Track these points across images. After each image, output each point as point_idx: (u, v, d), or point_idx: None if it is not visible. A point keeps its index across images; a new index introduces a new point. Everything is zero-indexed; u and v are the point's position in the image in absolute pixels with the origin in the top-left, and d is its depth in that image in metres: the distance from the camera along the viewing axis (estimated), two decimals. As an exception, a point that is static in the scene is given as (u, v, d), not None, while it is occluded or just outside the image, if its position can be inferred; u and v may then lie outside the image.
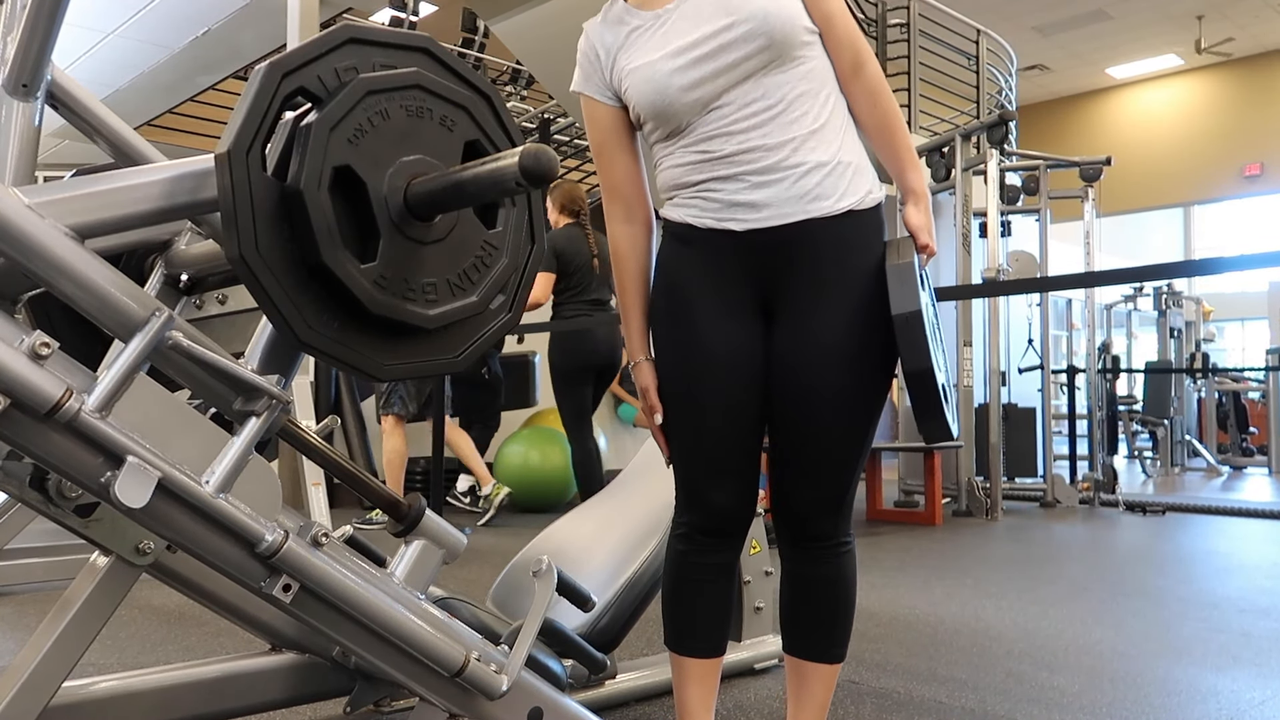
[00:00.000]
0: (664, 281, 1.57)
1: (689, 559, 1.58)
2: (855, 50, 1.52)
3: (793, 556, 1.59)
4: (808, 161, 1.46)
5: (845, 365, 1.48)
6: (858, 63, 1.52)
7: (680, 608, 1.61)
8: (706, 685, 1.60)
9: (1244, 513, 6.36)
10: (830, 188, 1.47)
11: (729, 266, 1.50)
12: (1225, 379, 11.40)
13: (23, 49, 1.21)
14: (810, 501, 1.53)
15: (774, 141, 1.46)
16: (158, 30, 6.51)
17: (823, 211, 1.46)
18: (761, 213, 1.47)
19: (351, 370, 1.11)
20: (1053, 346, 7.51)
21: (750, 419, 1.53)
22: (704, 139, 1.48)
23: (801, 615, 1.59)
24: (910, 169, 1.55)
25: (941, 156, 6.60)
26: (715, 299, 1.51)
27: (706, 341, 1.51)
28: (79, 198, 1.08)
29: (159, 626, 2.90)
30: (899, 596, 3.50)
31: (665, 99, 1.48)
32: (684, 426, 1.55)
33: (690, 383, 1.53)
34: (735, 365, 1.51)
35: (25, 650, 1.32)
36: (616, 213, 1.60)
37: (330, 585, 1.24)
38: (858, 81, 1.53)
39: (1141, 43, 13.31)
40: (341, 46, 1.08)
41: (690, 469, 1.56)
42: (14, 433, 1.04)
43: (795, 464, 1.53)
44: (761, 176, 1.46)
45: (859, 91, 1.53)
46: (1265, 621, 3.16)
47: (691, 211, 1.51)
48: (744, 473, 1.55)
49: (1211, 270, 6.23)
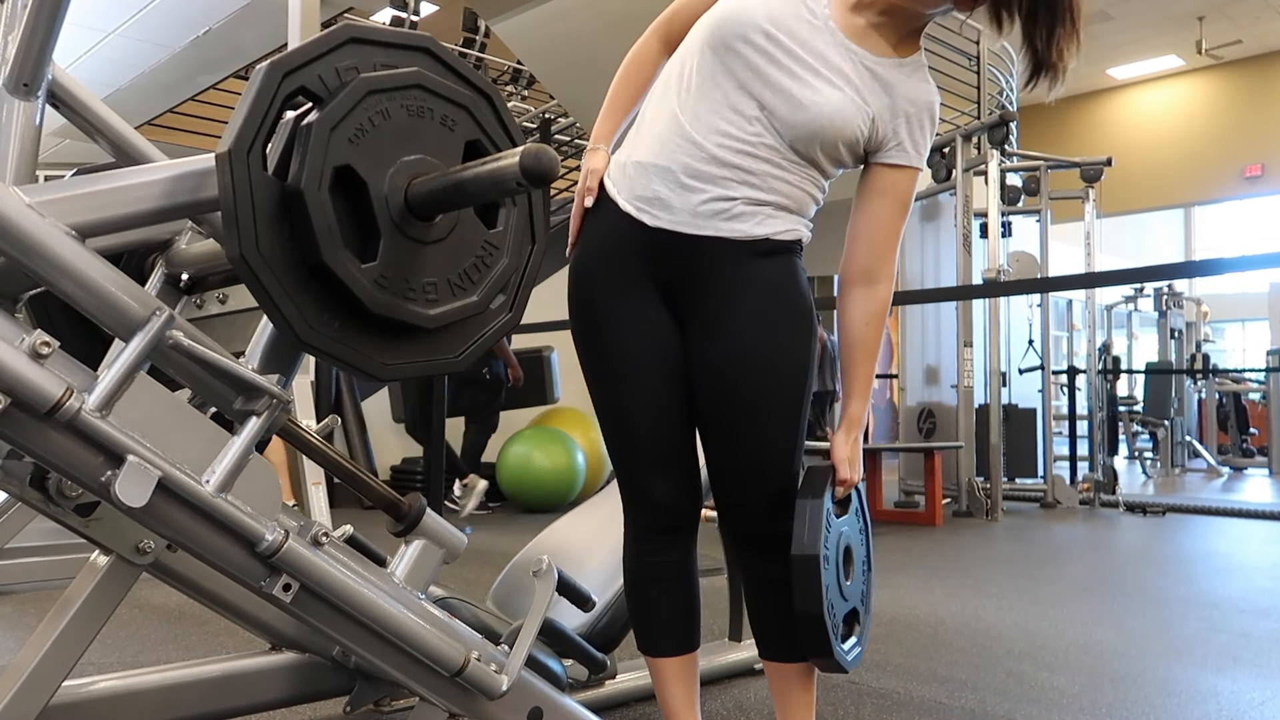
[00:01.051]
0: (578, 287, 1.55)
1: (644, 559, 1.58)
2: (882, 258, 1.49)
3: (743, 560, 1.56)
4: (750, 212, 1.43)
5: (764, 365, 1.46)
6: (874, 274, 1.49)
7: (644, 609, 1.60)
8: (686, 683, 1.59)
9: (1244, 514, 6.36)
10: (750, 214, 1.44)
11: (637, 259, 1.49)
12: (1226, 380, 11.40)
13: (23, 48, 1.21)
14: (750, 502, 1.50)
15: (731, 175, 1.42)
16: (158, 30, 6.51)
17: (734, 234, 1.44)
18: (672, 215, 1.44)
19: (352, 370, 1.11)
20: (1053, 347, 7.52)
21: (676, 409, 1.52)
22: (690, 119, 1.44)
23: (763, 617, 1.56)
24: (860, 397, 1.51)
25: (942, 157, 6.60)
26: (627, 294, 1.50)
27: (623, 341, 1.51)
28: (80, 197, 1.08)
29: (159, 626, 2.90)
30: (899, 597, 3.50)
31: (732, 29, 1.43)
32: (615, 427, 1.55)
33: (613, 384, 1.53)
34: (652, 359, 1.50)
35: (25, 649, 1.32)
36: (658, 35, 1.59)
37: (330, 585, 1.24)
38: (865, 291, 1.50)
39: (1142, 43, 13.31)
40: (342, 46, 1.08)
41: (627, 468, 1.56)
42: (14, 432, 1.03)
43: (730, 466, 1.51)
44: (694, 181, 1.43)
45: (861, 300, 1.50)
46: (1265, 622, 3.16)
47: (624, 185, 1.49)
48: (680, 465, 1.55)
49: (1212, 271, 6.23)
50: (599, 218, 1.53)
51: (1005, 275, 6.38)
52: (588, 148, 1.60)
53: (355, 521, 1.54)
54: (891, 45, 1.47)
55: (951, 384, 6.42)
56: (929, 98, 1.48)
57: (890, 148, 1.47)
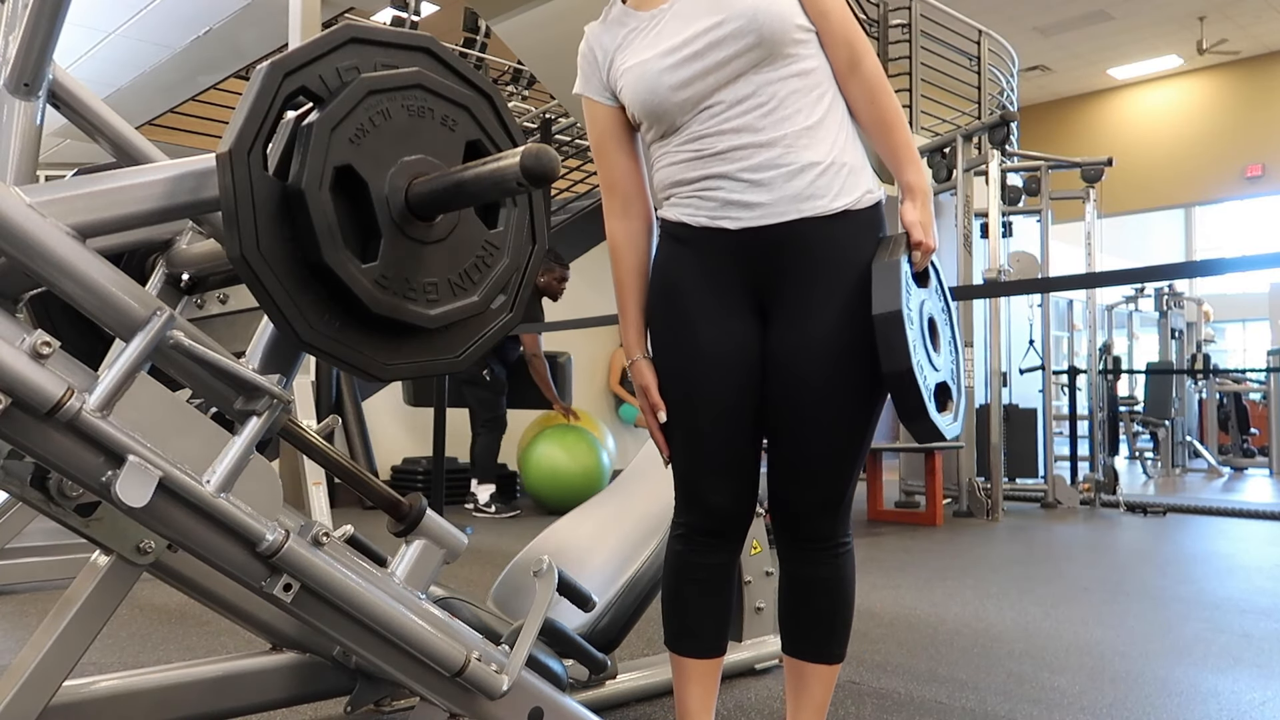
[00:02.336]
0: (660, 282, 1.57)
1: (688, 559, 1.58)
2: (851, 47, 1.51)
3: (791, 557, 1.58)
4: (800, 160, 1.45)
5: (839, 363, 1.47)
6: (854, 59, 1.51)
7: (679, 608, 1.60)
8: (706, 686, 1.60)
9: (1245, 514, 6.35)
10: (824, 187, 1.46)
11: (723, 265, 1.50)
12: (1226, 380, 11.40)
13: (24, 48, 1.21)
14: (808, 502, 1.52)
15: (765, 139, 1.45)
16: (159, 30, 6.51)
17: (816, 211, 1.46)
18: (754, 211, 1.46)
19: (352, 370, 1.11)
20: (1054, 347, 7.52)
21: (747, 419, 1.53)
22: (697, 137, 1.48)
23: (800, 616, 1.59)
24: (909, 165, 1.53)
25: (943, 157, 6.60)
26: (710, 299, 1.51)
27: (702, 343, 1.51)
28: (80, 197, 1.08)
29: (160, 626, 2.90)
30: (900, 597, 3.49)
31: (656, 97, 1.48)
32: (682, 428, 1.55)
33: (687, 384, 1.53)
34: (731, 366, 1.51)
35: (26, 649, 1.32)
36: (614, 209, 1.60)
37: (331, 585, 1.24)
38: (854, 78, 1.52)
39: (1143, 43, 13.30)
40: (343, 46, 1.08)
41: (689, 470, 1.56)
42: (15, 432, 1.04)
43: (792, 464, 1.52)
44: (754, 175, 1.45)
45: (856, 88, 1.52)
46: (1266, 622, 3.16)
47: (686, 210, 1.51)
48: (742, 473, 1.55)
49: (1213, 271, 6.22)
50: (676, 249, 1.54)
51: (1006, 275, 6.38)
52: (628, 362, 1.61)
53: (356, 521, 1.54)
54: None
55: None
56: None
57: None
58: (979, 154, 6.54)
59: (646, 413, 1.57)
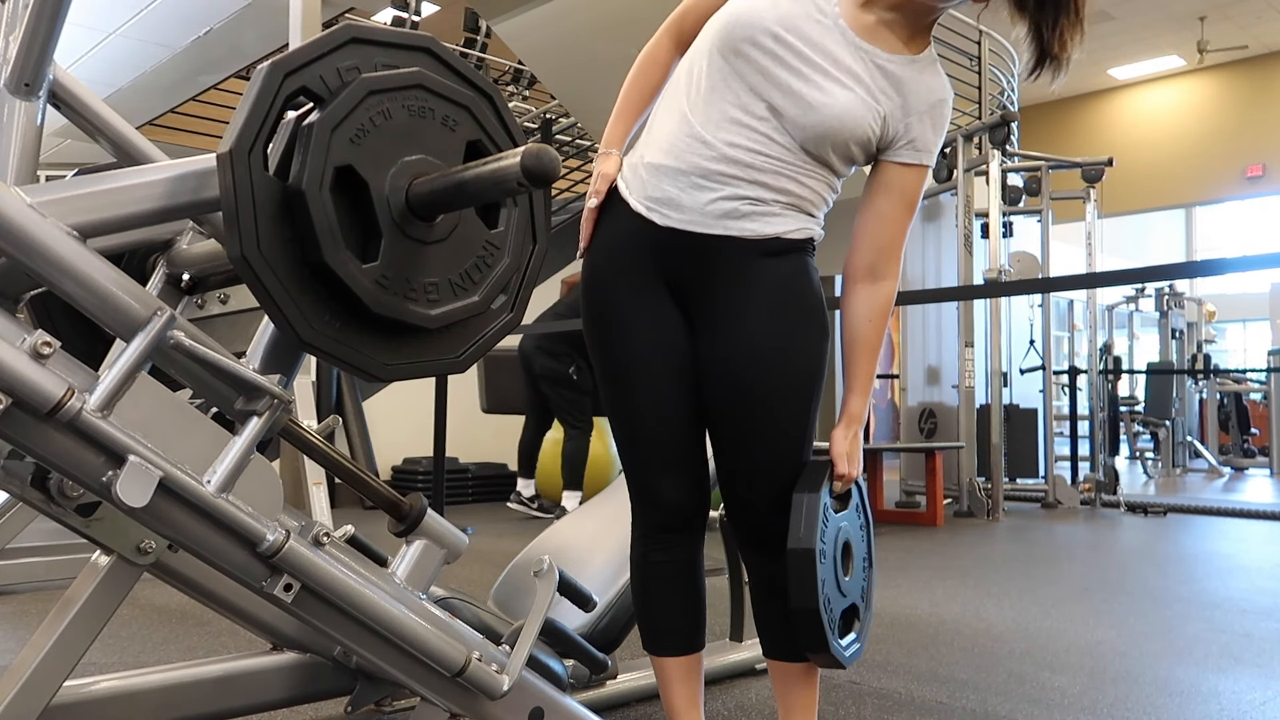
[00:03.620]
0: (591, 282, 1.55)
1: (650, 558, 1.58)
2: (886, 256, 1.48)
3: (749, 559, 1.56)
4: (757, 197, 1.43)
5: (773, 367, 1.46)
6: (879, 270, 1.48)
7: (651, 609, 1.60)
8: (690, 683, 1.59)
9: (1245, 514, 6.36)
10: (763, 226, 1.44)
11: (648, 259, 1.49)
12: (1227, 380, 11.40)
13: (25, 48, 1.21)
14: (757, 502, 1.50)
15: (743, 173, 1.42)
16: (160, 30, 6.52)
17: (745, 233, 1.43)
18: (683, 215, 1.44)
19: (353, 370, 1.11)
20: (1054, 347, 7.52)
21: (686, 408, 1.52)
22: (704, 140, 1.44)
23: (768, 617, 1.56)
24: (860, 394, 1.51)
25: (944, 157, 6.60)
26: (638, 294, 1.50)
27: (633, 340, 1.51)
28: (81, 197, 1.08)
29: (160, 626, 2.90)
30: (900, 597, 3.50)
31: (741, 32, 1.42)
32: (625, 425, 1.55)
33: (623, 383, 1.53)
34: (662, 359, 1.50)
35: (27, 649, 1.32)
36: (669, 35, 1.58)
37: (332, 585, 1.24)
38: (870, 287, 1.49)
39: (1143, 43, 13.30)
40: (343, 46, 1.08)
41: (636, 467, 1.56)
42: (16, 432, 1.04)
43: (740, 465, 1.51)
44: (706, 181, 1.43)
45: (864, 297, 1.49)
46: (1267, 622, 3.16)
47: (635, 186, 1.49)
48: (689, 465, 1.55)
49: (1213, 271, 6.22)
50: (611, 219, 1.53)
51: (1006, 275, 6.38)
52: (599, 151, 1.60)
53: (356, 521, 1.54)
54: (902, 41, 1.46)
55: (953, 384, 6.42)
56: (941, 95, 1.48)
57: (900, 146, 1.47)
58: (979, 154, 6.54)
59: (589, 197, 1.56)
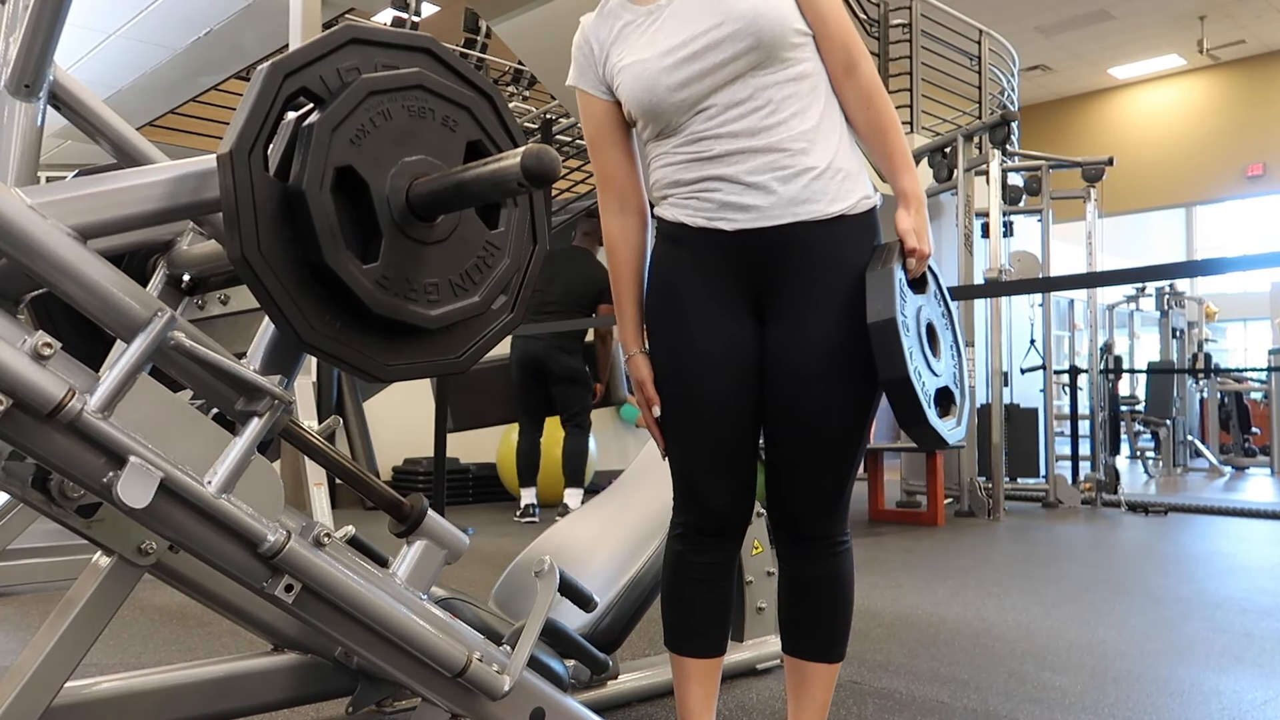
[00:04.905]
0: (657, 281, 1.57)
1: (687, 559, 1.58)
2: (848, 51, 1.50)
3: (790, 557, 1.58)
4: (797, 165, 1.45)
5: (836, 363, 1.47)
6: (850, 63, 1.51)
7: (679, 608, 1.60)
8: (707, 685, 1.60)
9: (1246, 513, 6.35)
10: (820, 191, 1.46)
11: (720, 266, 1.50)
12: (1227, 379, 11.39)
13: (25, 49, 1.21)
14: (806, 501, 1.53)
15: (762, 144, 1.45)
16: (160, 31, 6.52)
17: (812, 215, 1.46)
18: (750, 214, 1.46)
19: (353, 371, 1.11)
20: (1055, 347, 7.52)
21: (745, 419, 1.53)
22: (695, 139, 1.48)
23: (799, 615, 1.59)
24: (903, 172, 1.53)
25: (944, 157, 6.60)
26: (707, 299, 1.51)
27: (699, 342, 1.51)
28: (81, 198, 1.08)
29: (161, 627, 2.90)
30: (901, 596, 3.49)
31: (654, 97, 1.47)
32: (680, 427, 1.55)
33: (685, 384, 1.53)
34: (728, 365, 1.51)
35: (28, 650, 1.32)
36: (610, 205, 1.60)
37: (332, 586, 1.24)
38: (850, 82, 1.52)
39: (1144, 43, 13.29)
40: (344, 47, 1.08)
41: (687, 469, 1.56)
42: (16, 433, 1.04)
43: (790, 463, 1.52)
44: (752, 177, 1.45)
45: (851, 93, 1.52)
46: (1267, 622, 3.15)
47: (685, 211, 1.51)
48: (741, 473, 1.55)
49: (1214, 270, 6.22)
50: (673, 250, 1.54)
51: (1007, 275, 6.37)
52: (625, 356, 1.62)
53: (357, 522, 1.54)
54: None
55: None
56: None
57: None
58: (980, 154, 6.54)
59: (643, 407, 1.58)
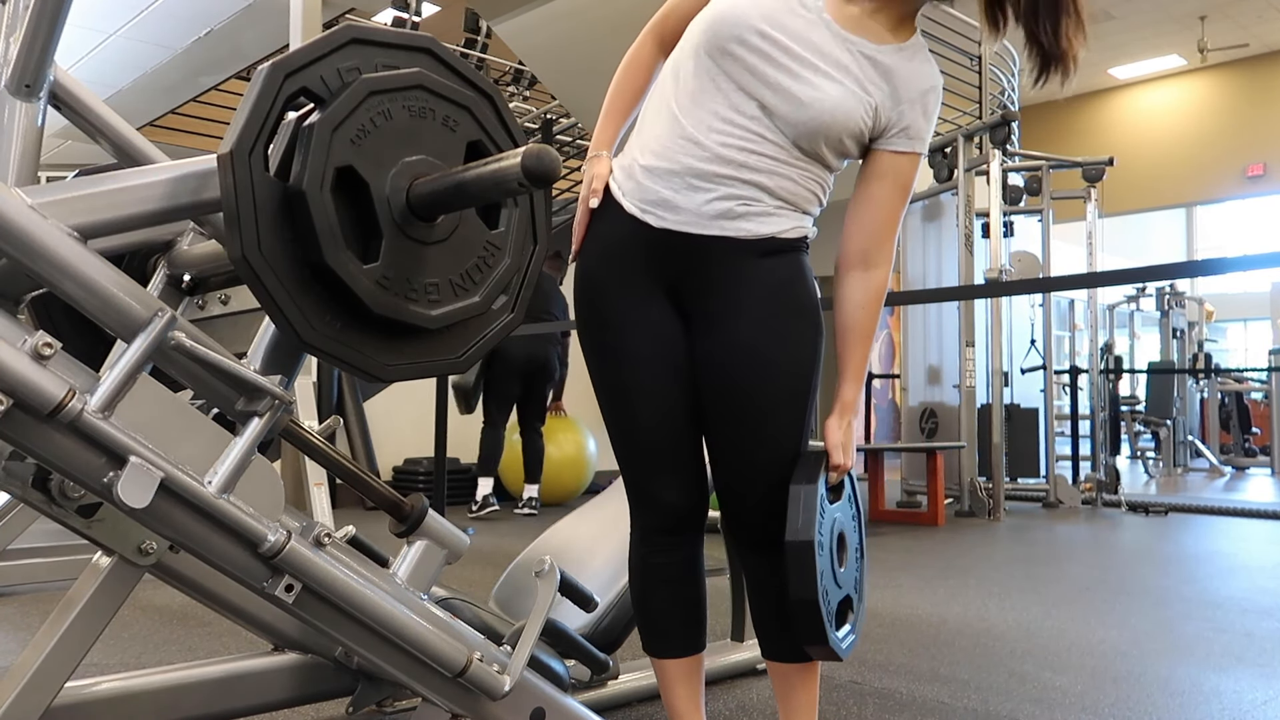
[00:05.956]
0: (584, 285, 1.55)
1: (649, 561, 1.58)
2: (882, 237, 1.48)
3: (746, 559, 1.55)
4: (755, 211, 1.43)
5: (769, 364, 1.46)
6: (873, 259, 1.48)
7: (651, 611, 1.60)
8: (691, 684, 1.59)
9: (1247, 513, 6.35)
10: (758, 226, 1.44)
11: (643, 261, 1.48)
12: (1228, 379, 11.39)
13: (25, 49, 1.21)
14: (754, 501, 1.50)
15: (743, 177, 1.42)
16: (160, 31, 6.52)
17: (740, 233, 1.44)
18: (680, 216, 1.44)
19: (353, 371, 1.11)
20: (1055, 347, 7.52)
21: (683, 411, 1.52)
22: (697, 141, 1.43)
23: (767, 617, 1.55)
24: (852, 381, 1.51)
25: (944, 157, 6.60)
26: (632, 296, 1.50)
27: (629, 343, 1.50)
28: (82, 198, 1.08)
29: (161, 627, 2.90)
30: (901, 597, 3.49)
31: (727, 30, 1.42)
32: (622, 428, 1.55)
33: (619, 386, 1.52)
34: (659, 361, 1.50)
35: (28, 650, 1.32)
36: (652, 37, 1.59)
37: (333, 586, 1.24)
38: (865, 273, 1.49)
39: (1144, 43, 13.29)
40: (344, 47, 1.08)
41: (634, 470, 1.56)
42: (16, 433, 1.04)
43: (734, 465, 1.51)
44: (700, 182, 1.42)
45: (859, 282, 1.49)
46: (1268, 622, 3.15)
47: (629, 183, 1.49)
48: (687, 467, 1.54)
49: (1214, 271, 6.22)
50: (604, 221, 1.53)
51: (1007, 275, 6.37)
52: (589, 154, 1.60)
53: (357, 522, 1.54)
54: (888, 30, 1.46)
55: (954, 384, 6.42)
56: (931, 82, 1.48)
57: (893, 134, 1.46)
58: (980, 154, 6.54)
59: (582, 200, 1.56)
